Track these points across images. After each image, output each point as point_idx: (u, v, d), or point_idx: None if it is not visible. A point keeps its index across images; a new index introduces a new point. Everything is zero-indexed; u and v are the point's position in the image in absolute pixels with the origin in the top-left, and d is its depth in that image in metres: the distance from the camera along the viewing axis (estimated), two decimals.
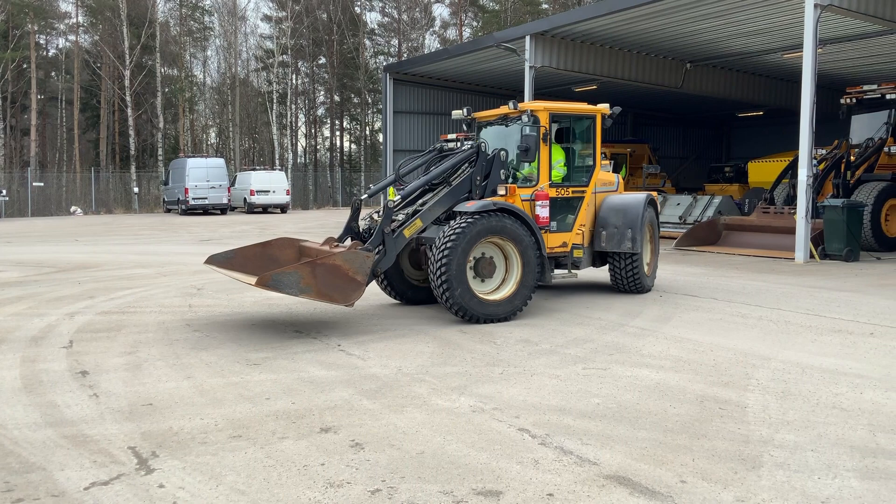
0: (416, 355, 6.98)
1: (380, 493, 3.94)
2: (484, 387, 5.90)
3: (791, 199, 16.37)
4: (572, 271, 9.89)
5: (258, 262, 8.63)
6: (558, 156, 9.95)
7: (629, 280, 10.36)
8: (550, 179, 9.62)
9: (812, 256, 14.68)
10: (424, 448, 4.57)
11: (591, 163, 10.27)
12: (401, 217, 8.66)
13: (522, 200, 9.25)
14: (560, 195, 9.79)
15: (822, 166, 16.90)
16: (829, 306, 9.50)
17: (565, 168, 10.09)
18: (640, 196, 10.41)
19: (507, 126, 9.85)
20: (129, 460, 4.41)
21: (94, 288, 11.31)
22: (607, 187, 10.63)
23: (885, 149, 17.30)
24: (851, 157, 17.08)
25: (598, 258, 10.38)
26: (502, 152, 9.25)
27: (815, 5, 14.29)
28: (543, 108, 9.53)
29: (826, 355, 6.92)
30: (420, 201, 9.04)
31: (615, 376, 6.20)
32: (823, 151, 17.50)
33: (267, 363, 6.67)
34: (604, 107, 10.19)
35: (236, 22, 52.02)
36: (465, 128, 10.43)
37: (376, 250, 8.19)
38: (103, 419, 5.16)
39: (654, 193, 11.66)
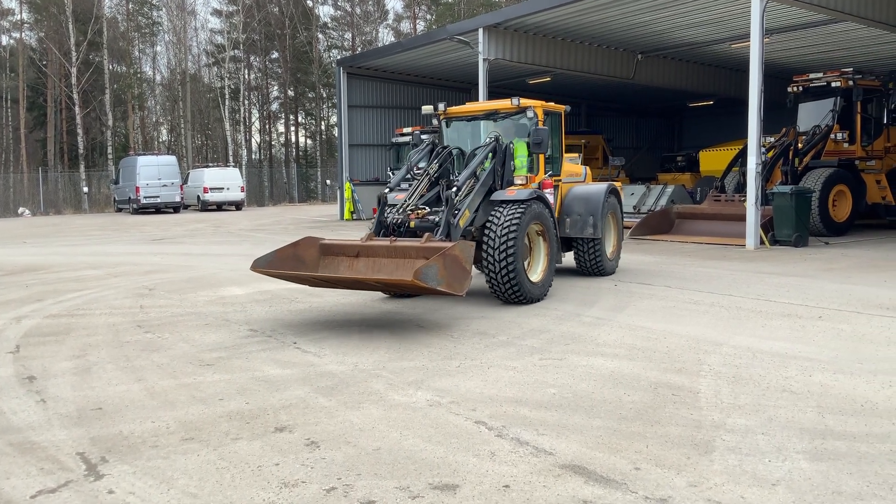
0: (372, 351, 6.94)
1: (335, 491, 3.90)
2: (441, 380, 5.89)
3: (741, 187, 16.65)
4: None
5: (291, 264, 8.31)
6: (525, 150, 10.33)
7: (592, 263, 11.06)
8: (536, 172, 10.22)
9: (762, 243, 14.96)
10: (381, 444, 4.54)
11: (557, 155, 10.90)
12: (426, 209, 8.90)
13: None
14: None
15: (770, 154, 17.20)
16: (778, 291, 9.68)
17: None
18: (602, 186, 11.22)
19: (496, 121, 10.39)
20: (78, 466, 4.31)
21: (42, 291, 11.04)
22: (575, 178, 11.44)
23: (832, 136, 17.68)
24: (799, 145, 17.42)
25: (563, 244, 10.84)
26: (510, 145, 9.86)
27: None
28: (540, 105, 10.26)
29: (776, 339, 7.05)
30: (430, 194, 9.13)
31: (571, 366, 6.24)
32: (772, 139, 17.83)
33: (220, 363, 6.57)
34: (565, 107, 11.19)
35: (185, 17, 51.18)
36: (434, 122, 10.79)
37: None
38: (51, 425, 5.03)
39: (618, 183, 12.08)
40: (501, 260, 8.66)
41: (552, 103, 10.92)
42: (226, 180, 36.20)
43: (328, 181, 47.79)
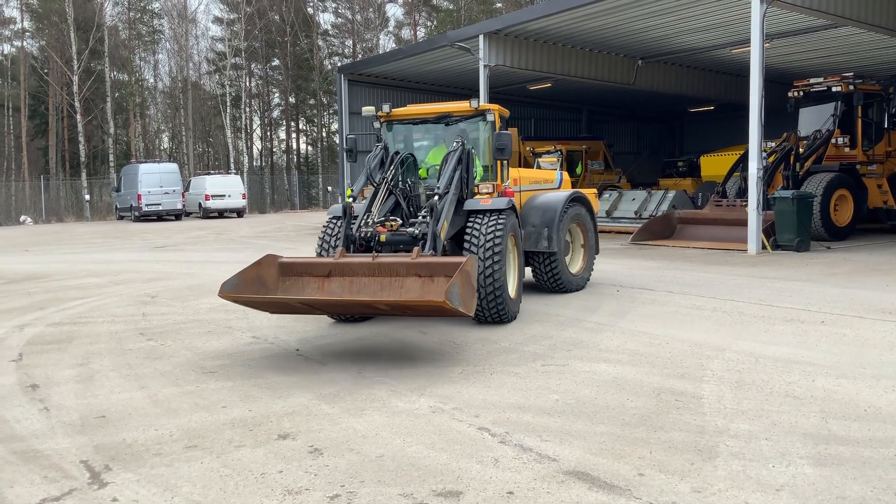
0: (374, 357, 6.94)
1: (339, 498, 3.90)
2: (443, 387, 5.89)
3: (743, 192, 16.65)
4: None
5: (253, 287, 7.13)
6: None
7: (549, 279, 10.14)
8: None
9: (764, 247, 14.95)
10: (384, 451, 4.54)
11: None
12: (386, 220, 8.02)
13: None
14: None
15: (771, 159, 17.20)
16: (781, 296, 9.68)
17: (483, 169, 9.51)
18: (562, 195, 10.17)
19: (447, 125, 9.39)
20: (82, 474, 4.31)
21: (45, 299, 11.05)
22: (543, 185, 10.56)
23: (833, 140, 17.68)
24: (800, 149, 17.43)
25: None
26: (472, 151, 8.89)
27: (762, 1, 14.55)
28: (497, 108, 9.44)
29: (779, 344, 7.04)
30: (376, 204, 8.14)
31: (573, 372, 6.24)
32: (773, 144, 17.83)
33: (223, 370, 6.57)
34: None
35: (187, 24, 51.26)
36: (376, 125, 9.53)
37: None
38: (54, 433, 5.03)
39: (591, 190, 11.35)
40: (488, 276, 7.84)
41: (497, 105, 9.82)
42: (227, 187, 36.23)
43: (329, 188, 47.85)
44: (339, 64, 49.45)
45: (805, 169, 17.25)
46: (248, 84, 54.83)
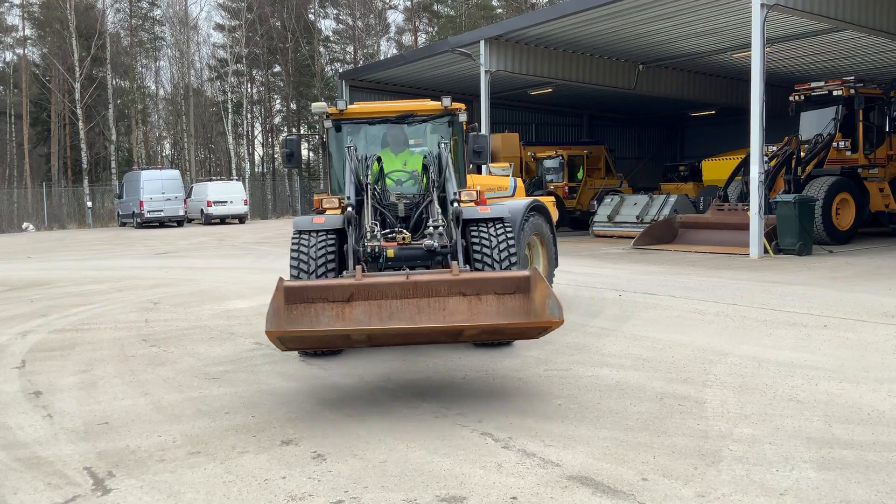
0: (377, 363, 6.94)
1: None
2: (446, 392, 5.89)
3: (744, 196, 16.64)
4: None
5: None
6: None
7: None
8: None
9: (766, 251, 14.94)
10: (387, 456, 4.54)
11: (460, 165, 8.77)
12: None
13: None
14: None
15: (773, 163, 17.21)
16: (783, 300, 9.67)
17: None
18: (520, 203, 9.18)
19: (410, 125, 8.25)
20: (85, 481, 4.31)
21: (48, 306, 11.07)
22: (497, 193, 9.73)
23: (834, 144, 17.68)
24: (801, 153, 17.42)
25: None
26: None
27: (762, 5, 14.57)
28: (463, 107, 8.30)
29: (781, 348, 7.03)
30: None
31: (576, 376, 6.24)
32: (774, 148, 17.83)
33: (226, 377, 6.58)
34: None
35: (188, 31, 51.39)
36: (327, 124, 8.15)
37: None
38: (58, 440, 5.04)
39: (549, 199, 10.48)
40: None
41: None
42: (229, 194, 36.27)
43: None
44: (340, 70, 49.55)
45: (807, 173, 17.24)
46: (249, 90, 54.87)
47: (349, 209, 6.65)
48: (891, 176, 18.29)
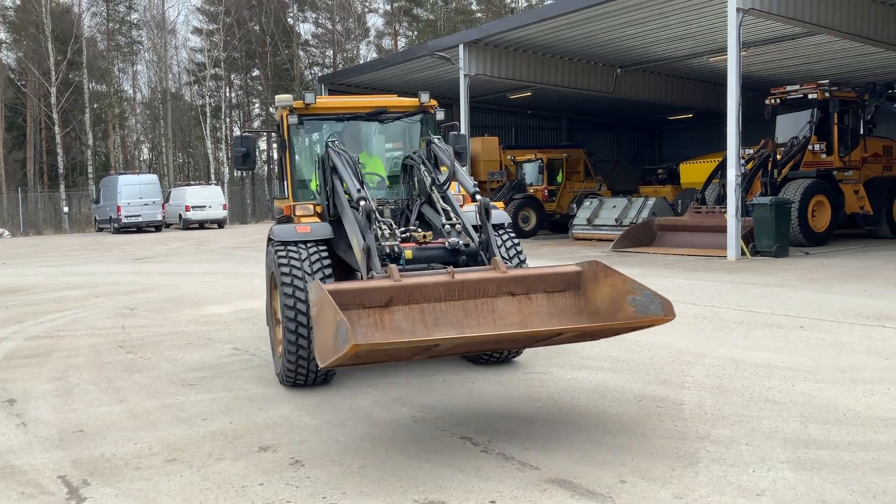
0: (356, 369, 6.89)
1: None
2: (426, 396, 5.88)
3: (722, 199, 16.77)
4: None
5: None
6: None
7: None
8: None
9: (743, 253, 15.06)
10: (366, 462, 4.52)
11: None
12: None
13: None
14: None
15: (749, 165, 17.36)
16: (760, 301, 9.75)
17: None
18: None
19: (382, 122, 7.59)
20: (59, 490, 4.25)
21: (23, 312, 10.93)
22: None
23: (810, 147, 17.86)
24: (778, 156, 17.59)
25: None
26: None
27: (738, 9, 14.71)
28: (436, 104, 7.72)
29: (758, 350, 7.09)
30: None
31: (555, 380, 6.25)
32: (751, 151, 17.99)
33: (204, 383, 6.52)
34: None
35: (166, 35, 51.07)
36: (292, 120, 7.09)
37: None
38: (32, 448, 4.97)
39: (499, 204, 9.42)
40: None
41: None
42: (208, 198, 36.05)
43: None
44: (319, 74, 49.44)
45: (783, 175, 17.41)
46: (228, 94, 54.60)
47: (363, 202, 5.58)
48: (865, 178, 18.51)
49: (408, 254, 5.55)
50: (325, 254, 6.09)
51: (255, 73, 56.07)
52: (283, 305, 5.84)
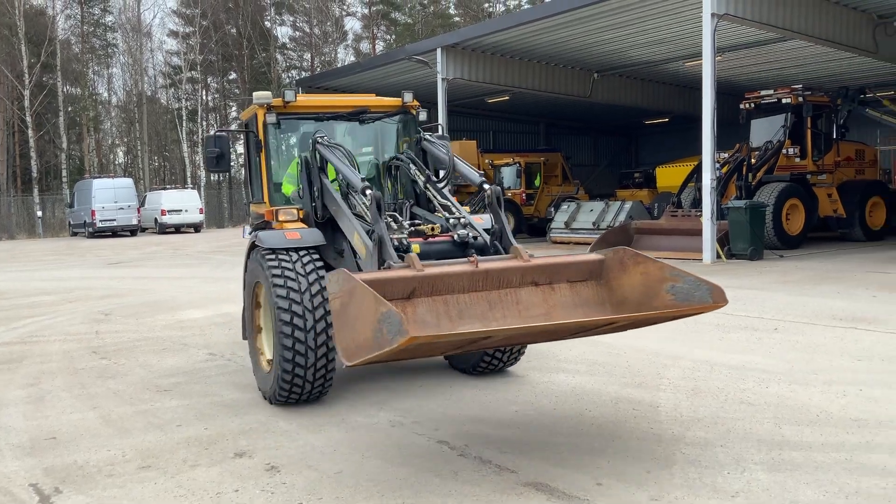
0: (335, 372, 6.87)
1: None
2: (404, 401, 5.86)
3: (697, 202, 16.89)
4: None
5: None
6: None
7: None
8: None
9: (719, 256, 15.19)
10: (343, 467, 4.50)
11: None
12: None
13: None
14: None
15: (725, 169, 17.50)
16: (735, 304, 9.82)
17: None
18: None
19: (362, 123, 7.19)
20: (31, 498, 4.20)
21: None
22: None
23: (784, 151, 18.06)
24: (752, 160, 17.77)
25: None
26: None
27: (713, 15, 14.84)
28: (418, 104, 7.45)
29: (733, 352, 7.15)
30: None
31: (532, 383, 6.26)
32: (726, 155, 18.14)
33: (178, 388, 6.47)
34: None
35: (141, 38, 50.62)
36: (270, 119, 6.71)
37: None
38: (2, 456, 4.90)
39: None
40: None
41: None
42: (184, 202, 35.78)
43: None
44: (297, 77, 49.27)
45: (757, 179, 17.58)
46: (204, 98, 54.25)
47: (369, 192, 5.31)
48: (838, 182, 18.75)
49: (415, 248, 5.25)
50: (319, 263, 5.73)
51: (232, 76, 55.78)
52: (277, 319, 5.40)
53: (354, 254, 5.88)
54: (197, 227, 36.38)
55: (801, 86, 18.72)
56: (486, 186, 5.56)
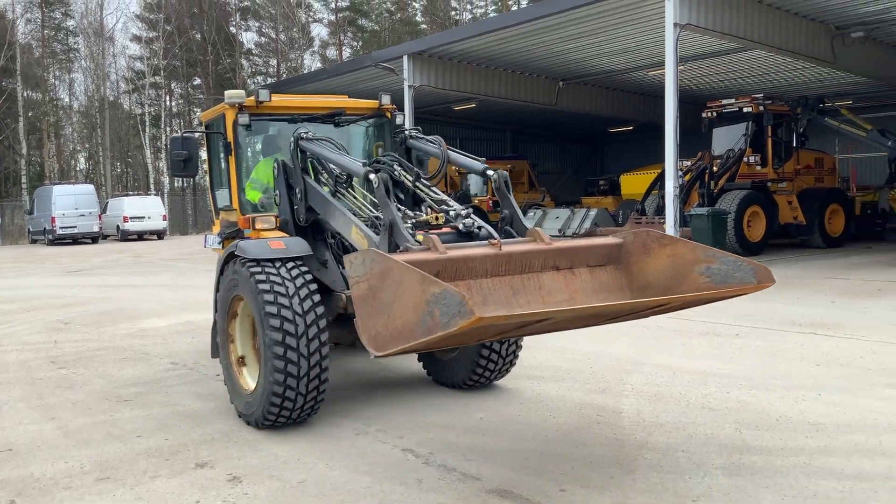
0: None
1: None
2: (368, 409, 5.84)
3: (661, 210, 17.09)
4: None
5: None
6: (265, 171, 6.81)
7: None
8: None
9: None
10: (306, 476, 4.46)
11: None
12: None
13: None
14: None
15: (687, 177, 17.72)
16: (697, 310, 9.88)
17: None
18: None
19: (337, 126, 6.89)
20: None
21: None
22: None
23: (745, 159, 18.34)
24: (714, 168, 18.02)
25: None
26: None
27: (675, 24, 15.04)
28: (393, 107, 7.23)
29: (695, 357, 7.23)
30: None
31: (498, 390, 6.27)
32: (688, 163, 18.38)
33: (139, 398, 6.37)
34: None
35: (103, 43, 49.93)
36: (244, 119, 6.43)
37: None
38: None
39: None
40: None
41: None
42: (147, 209, 35.33)
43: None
44: (262, 83, 48.95)
45: (719, 187, 17.83)
46: (168, 103, 53.70)
47: (373, 176, 4.99)
48: (798, 189, 19.08)
49: (420, 237, 4.79)
50: (308, 275, 5.35)
51: (197, 81, 55.23)
52: (268, 338, 5.05)
53: (338, 262, 5.77)
54: (160, 235, 35.93)
55: (761, 95, 19.07)
56: (490, 172, 5.34)
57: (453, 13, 58.09)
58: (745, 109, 18.46)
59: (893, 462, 4.43)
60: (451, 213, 5.17)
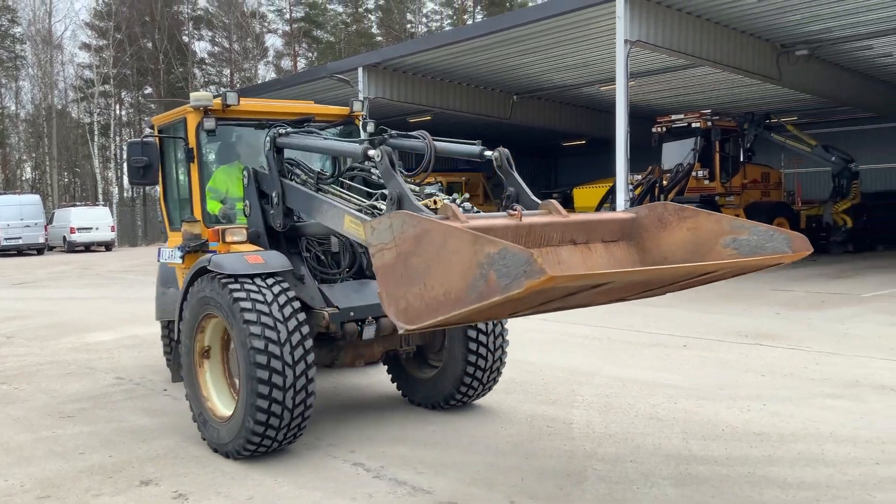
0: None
1: None
2: (319, 423, 5.78)
3: None
4: None
5: None
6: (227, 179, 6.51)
7: None
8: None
9: None
10: (254, 493, 4.40)
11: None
12: None
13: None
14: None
15: (638, 191, 18.02)
16: (646, 321, 10.08)
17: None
18: None
19: (308, 131, 6.16)
20: None
21: None
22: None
23: (693, 173, 18.71)
24: (664, 182, 18.34)
25: None
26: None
27: (625, 41, 15.28)
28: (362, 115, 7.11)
29: (644, 368, 7.33)
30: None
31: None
32: (639, 177, 18.68)
33: (83, 414, 6.21)
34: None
35: (51, 51, 48.93)
36: (209, 124, 5.98)
37: None
38: None
39: None
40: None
41: None
42: (94, 220, 34.63)
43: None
44: (215, 93, 48.43)
45: (669, 200, 18.15)
46: (118, 112, 52.78)
47: (372, 151, 4.89)
48: (745, 203, 19.50)
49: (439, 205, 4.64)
50: (291, 292, 5.05)
51: (148, 90, 54.39)
52: (250, 360, 4.70)
53: (315, 277, 5.55)
54: (108, 246, 35.25)
55: (709, 111, 19.49)
56: (488, 153, 5.13)
57: (409, 26, 58.26)
58: (693, 125, 18.84)
59: (835, 470, 4.54)
60: (447, 200, 4.92)
